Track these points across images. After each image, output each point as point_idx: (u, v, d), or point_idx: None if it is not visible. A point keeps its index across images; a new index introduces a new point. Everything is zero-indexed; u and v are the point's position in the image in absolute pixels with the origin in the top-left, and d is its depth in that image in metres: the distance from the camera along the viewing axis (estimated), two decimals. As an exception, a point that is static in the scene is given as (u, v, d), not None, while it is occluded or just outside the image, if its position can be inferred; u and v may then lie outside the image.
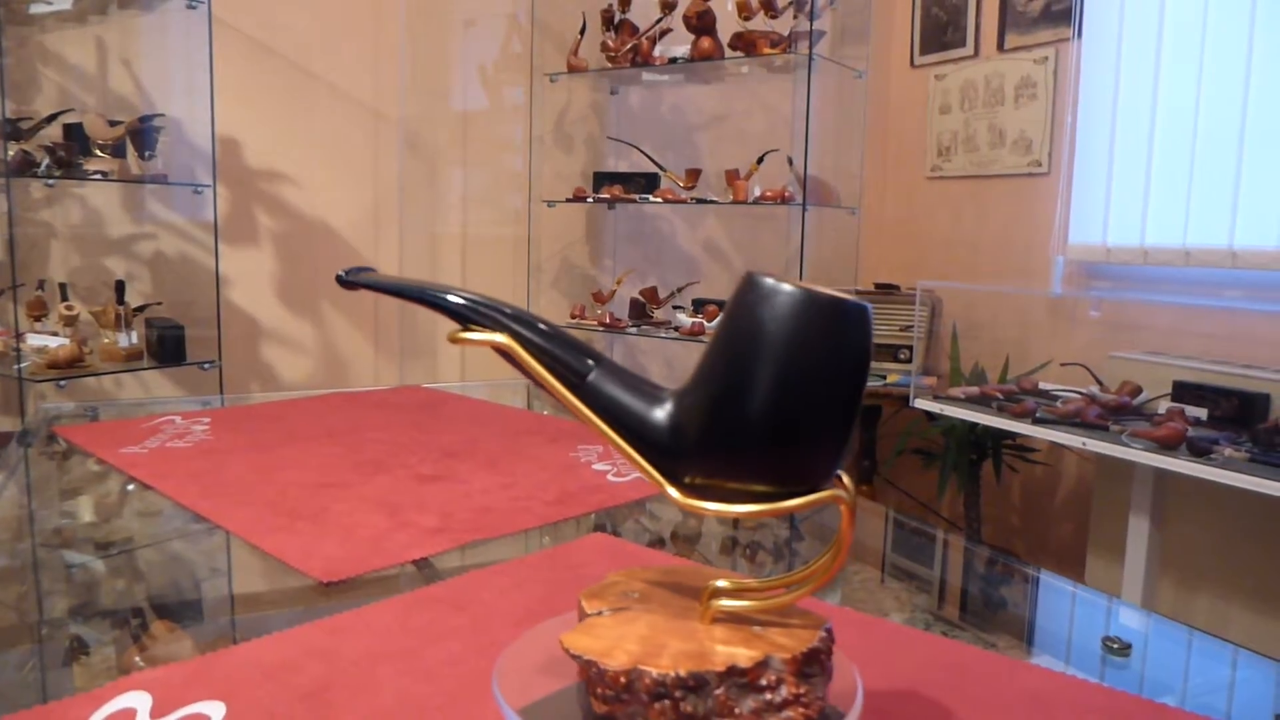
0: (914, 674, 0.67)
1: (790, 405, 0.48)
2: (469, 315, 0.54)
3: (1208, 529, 2.27)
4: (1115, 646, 0.72)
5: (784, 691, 0.43)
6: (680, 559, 0.96)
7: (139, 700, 0.61)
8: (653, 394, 0.54)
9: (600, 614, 0.53)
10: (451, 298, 0.54)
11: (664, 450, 0.52)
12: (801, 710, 0.43)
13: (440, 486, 1.13)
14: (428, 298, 0.55)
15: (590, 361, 0.54)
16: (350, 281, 0.56)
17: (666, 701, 0.43)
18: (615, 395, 0.54)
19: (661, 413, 0.53)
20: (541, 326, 0.54)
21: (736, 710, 0.43)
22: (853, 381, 0.49)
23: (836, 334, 0.48)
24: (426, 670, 0.66)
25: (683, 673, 0.43)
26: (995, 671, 0.68)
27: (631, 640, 0.48)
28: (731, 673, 0.43)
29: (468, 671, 0.66)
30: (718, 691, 0.43)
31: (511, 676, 0.52)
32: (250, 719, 0.59)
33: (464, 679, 0.65)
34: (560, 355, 0.54)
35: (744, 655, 0.44)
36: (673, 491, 0.51)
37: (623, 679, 0.44)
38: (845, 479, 0.51)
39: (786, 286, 0.48)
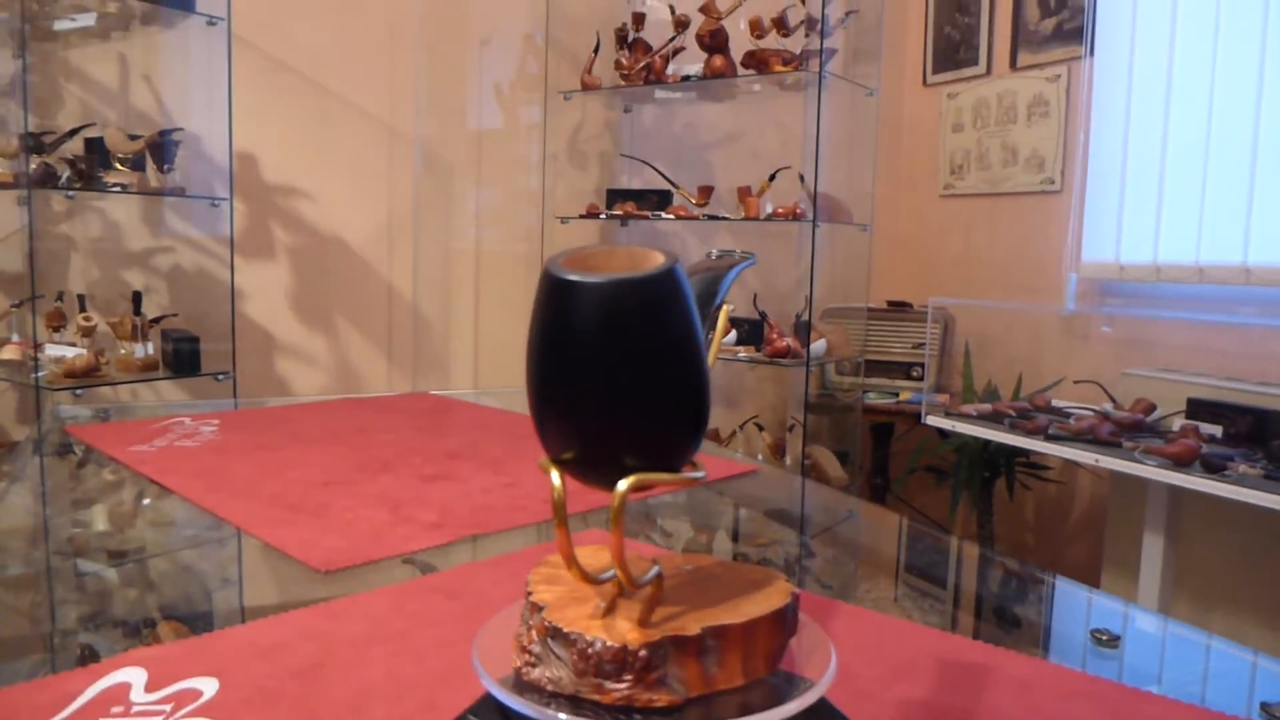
0: (902, 662, 0.67)
1: (576, 390, 0.48)
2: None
3: (1222, 546, 2.25)
4: (1104, 638, 0.71)
5: (522, 642, 0.52)
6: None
7: (134, 675, 0.62)
8: None
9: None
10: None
11: None
12: (524, 660, 0.51)
13: (442, 485, 1.14)
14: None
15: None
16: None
17: (526, 612, 0.54)
18: None
19: None
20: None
21: (525, 644, 0.52)
22: (636, 357, 0.47)
23: (601, 314, 0.46)
24: (417, 652, 0.66)
25: (535, 599, 0.53)
26: (983, 660, 0.68)
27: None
28: (534, 609, 0.52)
29: (457, 654, 0.66)
30: (530, 620, 0.52)
31: (491, 649, 0.53)
32: (242, 694, 0.60)
33: (453, 660, 0.65)
34: None
35: (547, 600, 0.52)
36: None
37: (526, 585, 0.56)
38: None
39: (567, 276, 0.46)
